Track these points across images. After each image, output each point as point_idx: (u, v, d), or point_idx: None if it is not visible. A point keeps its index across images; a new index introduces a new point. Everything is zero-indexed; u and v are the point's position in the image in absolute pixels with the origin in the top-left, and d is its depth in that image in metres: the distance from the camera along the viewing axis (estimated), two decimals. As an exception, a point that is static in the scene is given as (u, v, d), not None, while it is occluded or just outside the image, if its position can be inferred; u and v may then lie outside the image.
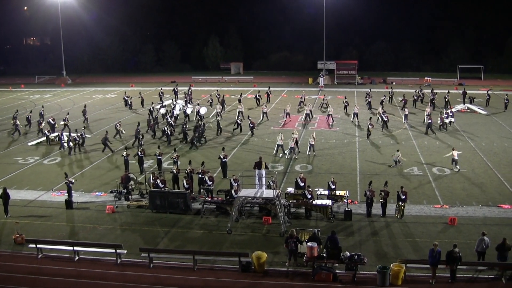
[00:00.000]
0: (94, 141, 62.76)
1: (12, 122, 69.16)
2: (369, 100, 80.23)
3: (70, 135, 60.66)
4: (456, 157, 49.90)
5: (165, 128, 62.34)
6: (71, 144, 58.90)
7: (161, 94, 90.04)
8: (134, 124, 64.76)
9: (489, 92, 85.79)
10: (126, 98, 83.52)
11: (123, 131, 65.02)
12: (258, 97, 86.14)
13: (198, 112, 72.15)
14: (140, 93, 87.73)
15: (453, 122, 67.49)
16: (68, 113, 72.00)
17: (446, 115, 67.54)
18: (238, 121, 66.88)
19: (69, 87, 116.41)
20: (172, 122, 65.42)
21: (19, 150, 60.42)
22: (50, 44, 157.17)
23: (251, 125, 64.71)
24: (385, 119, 66.85)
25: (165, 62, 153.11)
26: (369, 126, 63.16)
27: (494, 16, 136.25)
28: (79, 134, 60.39)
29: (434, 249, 29.31)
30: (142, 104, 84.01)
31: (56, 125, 68.51)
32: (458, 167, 49.82)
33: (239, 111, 72.88)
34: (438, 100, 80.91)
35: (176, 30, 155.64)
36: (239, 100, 79.57)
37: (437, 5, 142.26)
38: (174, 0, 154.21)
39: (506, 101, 77.96)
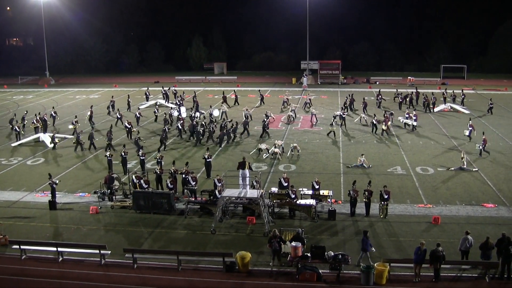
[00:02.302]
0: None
1: (21, 123, 68.85)
2: (349, 100, 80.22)
3: (78, 136, 59.95)
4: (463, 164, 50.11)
5: (200, 129, 62.35)
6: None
7: (147, 94, 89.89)
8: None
9: (464, 91, 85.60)
10: (112, 102, 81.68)
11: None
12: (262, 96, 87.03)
13: (211, 114, 71.83)
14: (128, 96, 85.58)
15: (415, 125, 66.80)
16: (76, 116, 71.01)
17: (406, 116, 68.26)
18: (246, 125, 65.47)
19: (53, 88, 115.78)
20: (202, 123, 64.76)
21: (2, 151, 60.12)
22: (33, 45, 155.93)
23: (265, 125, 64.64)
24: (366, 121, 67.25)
25: (149, 63, 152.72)
26: (375, 122, 65.04)
27: (476, 16, 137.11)
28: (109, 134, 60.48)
29: (421, 247, 29.46)
30: (129, 107, 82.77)
31: (48, 122, 69.23)
32: (469, 168, 50.20)
33: (223, 112, 72.87)
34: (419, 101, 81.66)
35: (160, 30, 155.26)
36: (225, 100, 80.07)
37: (419, 5, 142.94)
38: (157, 0, 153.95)
39: (491, 105, 77.54)
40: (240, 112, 74.40)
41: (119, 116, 71.19)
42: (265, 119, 65.43)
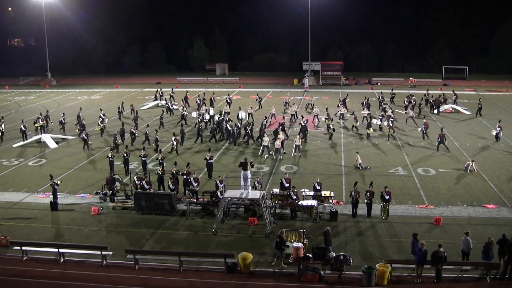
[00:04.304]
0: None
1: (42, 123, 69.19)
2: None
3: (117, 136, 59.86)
4: (472, 168, 50.00)
5: (236, 130, 62.93)
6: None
7: (157, 95, 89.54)
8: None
9: (454, 92, 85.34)
10: (120, 109, 79.14)
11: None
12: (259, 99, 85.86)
13: (237, 116, 70.89)
14: (132, 105, 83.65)
15: (386, 126, 65.52)
16: (100, 117, 70.71)
17: (380, 118, 68.20)
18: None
19: (54, 88, 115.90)
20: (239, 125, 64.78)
21: (3, 152, 60.11)
22: (35, 45, 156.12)
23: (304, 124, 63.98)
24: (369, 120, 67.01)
25: (150, 63, 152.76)
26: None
27: (478, 16, 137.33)
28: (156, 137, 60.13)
29: (421, 248, 29.47)
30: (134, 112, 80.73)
31: (65, 122, 69.81)
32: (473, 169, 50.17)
33: (225, 112, 72.47)
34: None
35: (161, 31, 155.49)
36: (228, 101, 79.78)
37: (421, 6, 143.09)
38: (159, 1, 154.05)
39: (479, 105, 77.05)
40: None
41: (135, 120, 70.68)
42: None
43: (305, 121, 64.33)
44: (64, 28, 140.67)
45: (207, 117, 70.75)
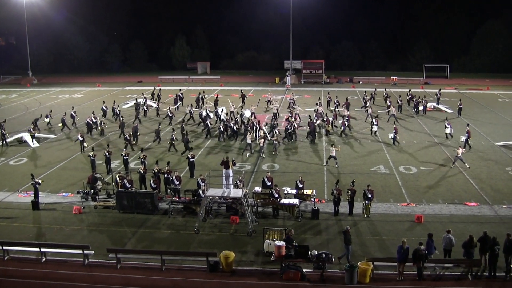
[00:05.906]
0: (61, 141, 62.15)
1: (45, 121, 69.58)
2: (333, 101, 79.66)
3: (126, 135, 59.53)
4: (459, 155, 50.24)
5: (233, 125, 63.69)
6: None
7: (159, 94, 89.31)
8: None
9: (440, 91, 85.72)
10: (105, 109, 77.57)
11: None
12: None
13: (242, 114, 71.21)
14: (114, 102, 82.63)
15: (340, 123, 65.67)
16: (103, 116, 70.00)
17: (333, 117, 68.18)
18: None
19: (35, 87, 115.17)
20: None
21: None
22: (16, 44, 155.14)
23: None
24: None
25: (132, 62, 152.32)
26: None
27: (459, 16, 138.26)
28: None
29: (403, 246, 29.62)
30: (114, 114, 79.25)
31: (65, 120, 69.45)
32: (456, 164, 50.63)
33: (205, 108, 72.56)
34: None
35: (143, 29, 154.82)
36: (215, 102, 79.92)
37: (402, 5, 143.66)
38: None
39: (460, 106, 77.04)
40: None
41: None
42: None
43: (314, 122, 64.21)
44: (46, 26, 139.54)
45: (211, 116, 71.18)
